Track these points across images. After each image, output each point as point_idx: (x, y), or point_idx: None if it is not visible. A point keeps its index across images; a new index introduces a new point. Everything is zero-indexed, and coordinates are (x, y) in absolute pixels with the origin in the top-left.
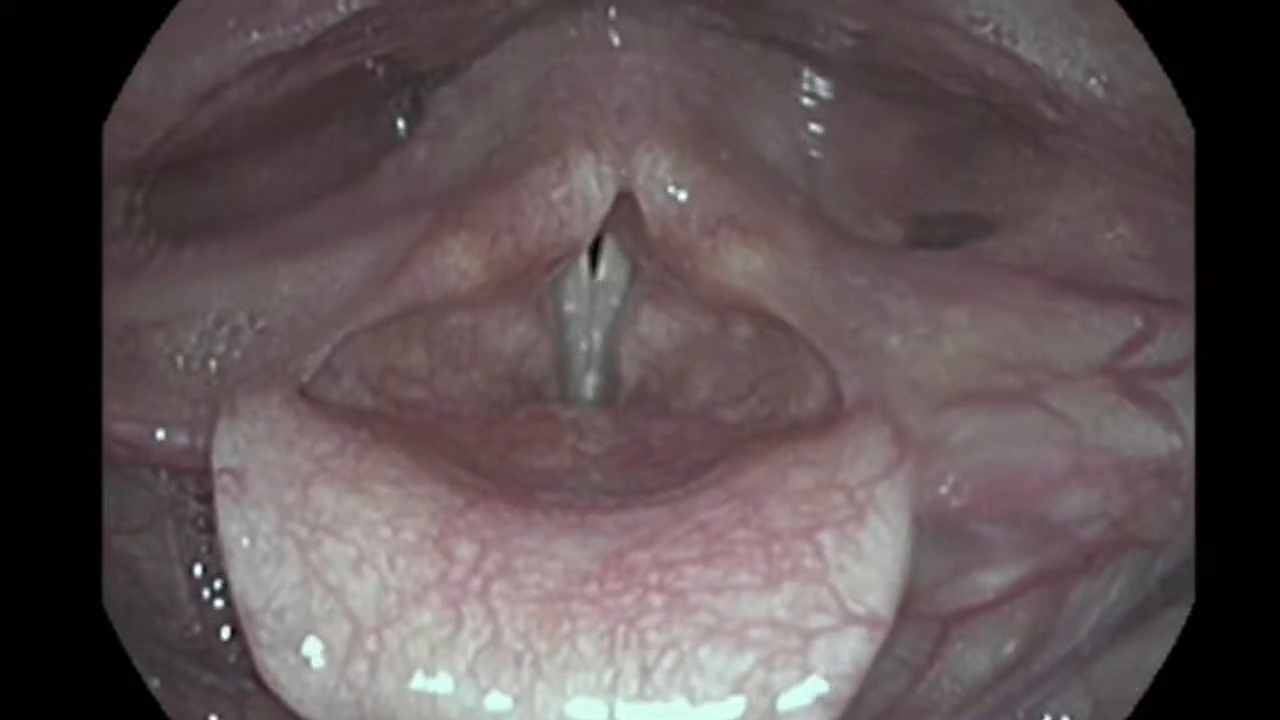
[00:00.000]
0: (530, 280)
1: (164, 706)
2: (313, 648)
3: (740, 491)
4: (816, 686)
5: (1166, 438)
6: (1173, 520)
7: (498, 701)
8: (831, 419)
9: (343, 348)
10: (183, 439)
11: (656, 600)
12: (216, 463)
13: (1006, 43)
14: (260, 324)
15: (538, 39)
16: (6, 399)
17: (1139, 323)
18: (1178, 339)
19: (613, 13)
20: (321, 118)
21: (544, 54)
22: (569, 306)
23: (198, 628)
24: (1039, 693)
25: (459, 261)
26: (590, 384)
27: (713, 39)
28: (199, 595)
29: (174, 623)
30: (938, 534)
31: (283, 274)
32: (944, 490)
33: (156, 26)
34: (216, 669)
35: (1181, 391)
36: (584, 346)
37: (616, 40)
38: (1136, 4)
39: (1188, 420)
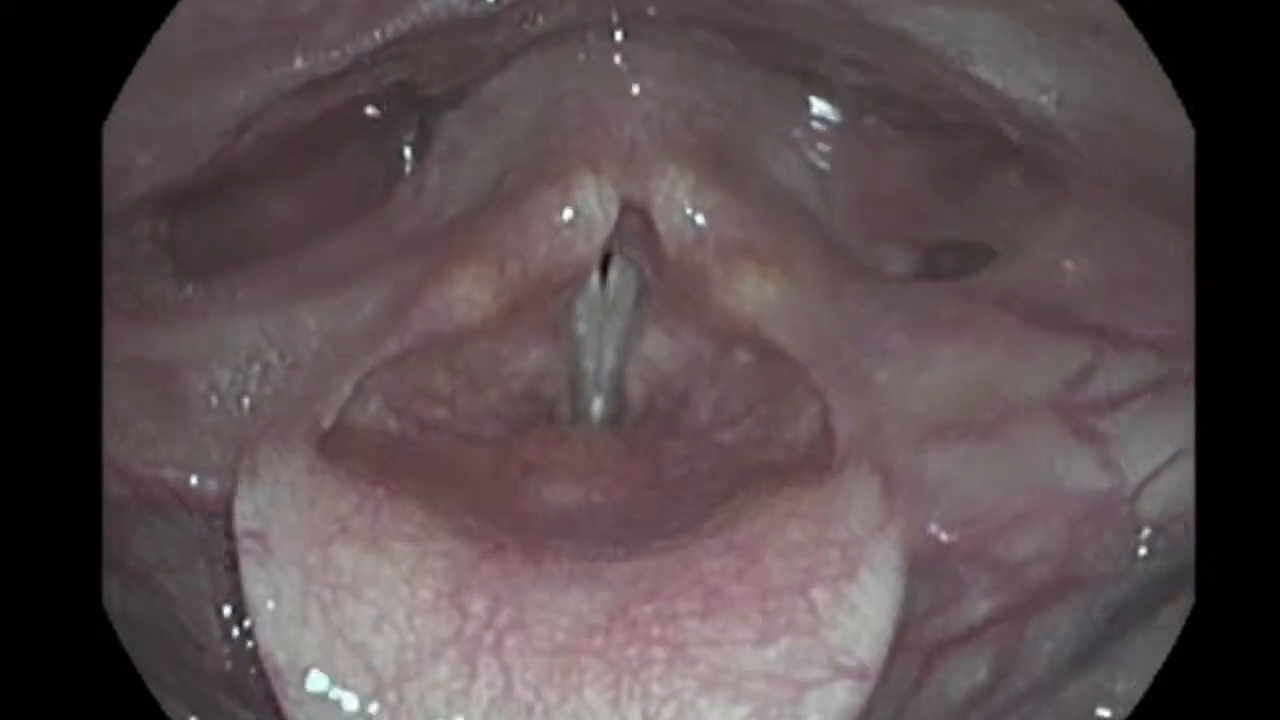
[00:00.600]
0: (541, 303)
1: None
2: (338, 702)
3: (738, 544)
4: None
5: (1103, 475)
6: (1110, 557)
7: None
8: (825, 465)
9: (372, 376)
10: (213, 485)
11: (659, 653)
12: (240, 525)
13: (966, 65)
14: (289, 360)
15: (546, 63)
16: (5, 402)
17: (1087, 355)
18: (1123, 372)
19: (619, 36)
20: (335, 145)
21: (553, 78)
22: (580, 328)
23: (229, 664)
24: (1014, 715)
25: (469, 293)
26: (600, 404)
27: (720, 65)
28: (230, 634)
29: (209, 659)
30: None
31: (307, 309)
32: (932, 529)
33: (156, 26)
34: (250, 704)
35: (1128, 425)
36: (594, 367)
37: (624, 65)
38: (1136, 4)
39: (1130, 455)
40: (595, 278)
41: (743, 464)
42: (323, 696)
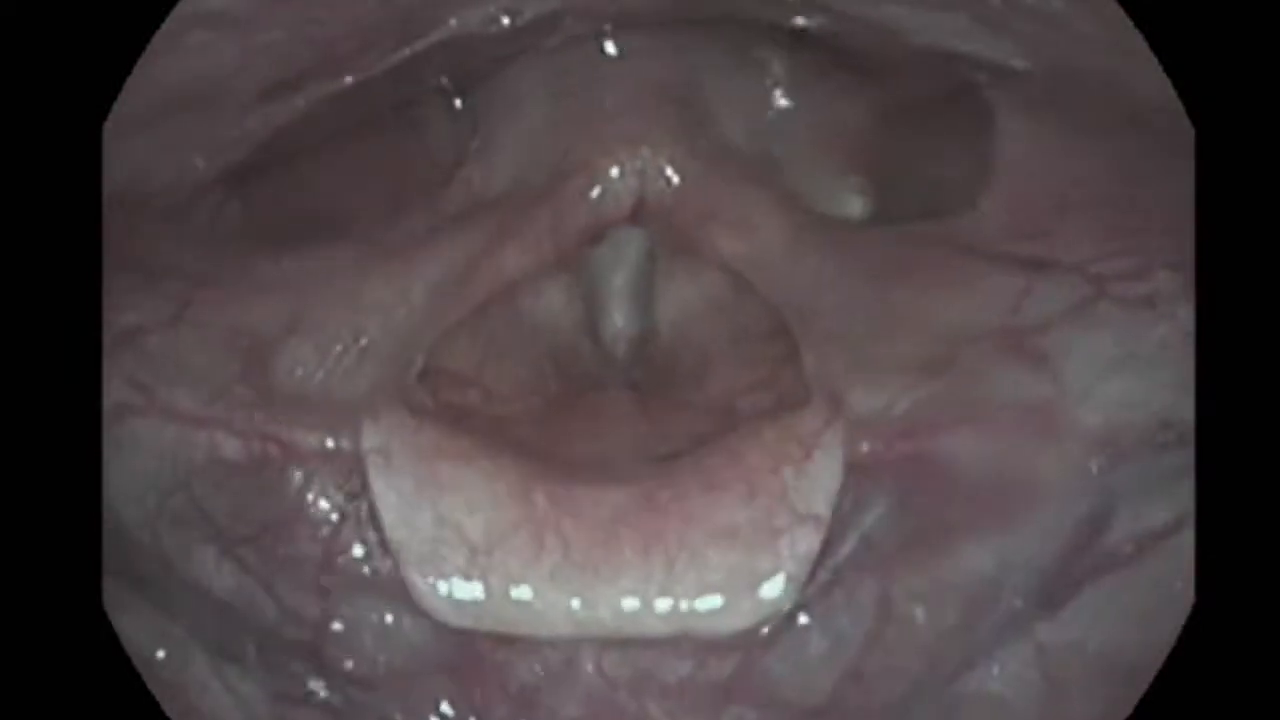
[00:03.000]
0: (565, 262)
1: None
2: (446, 564)
3: (731, 449)
4: (785, 566)
5: (1042, 386)
6: (1060, 466)
7: (571, 600)
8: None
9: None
10: (315, 440)
11: (674, 522)
12: (365, 444)
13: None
14: (363, 341)
15: (541, 57)
16: (7, 394)
17: (1022, 283)
18: (1054, 294)
19: (607, 25)
20: (378, 135)
21: (551, 71)
22: (599, 286)
23: (310, 633)
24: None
25: (518, 261)
26: (621, 358)
27: (688, 34)
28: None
29: (290, 628)
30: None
31: (376, 285)
32: (872, 443)
33: (157, 26)
34: (322, 672)
35: (1060, 341)
36: (616, 324)
37: (612, 50)
38: (1136, 4)
39: (1068, 368)
40: (605, 244)
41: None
42: (432, 561)
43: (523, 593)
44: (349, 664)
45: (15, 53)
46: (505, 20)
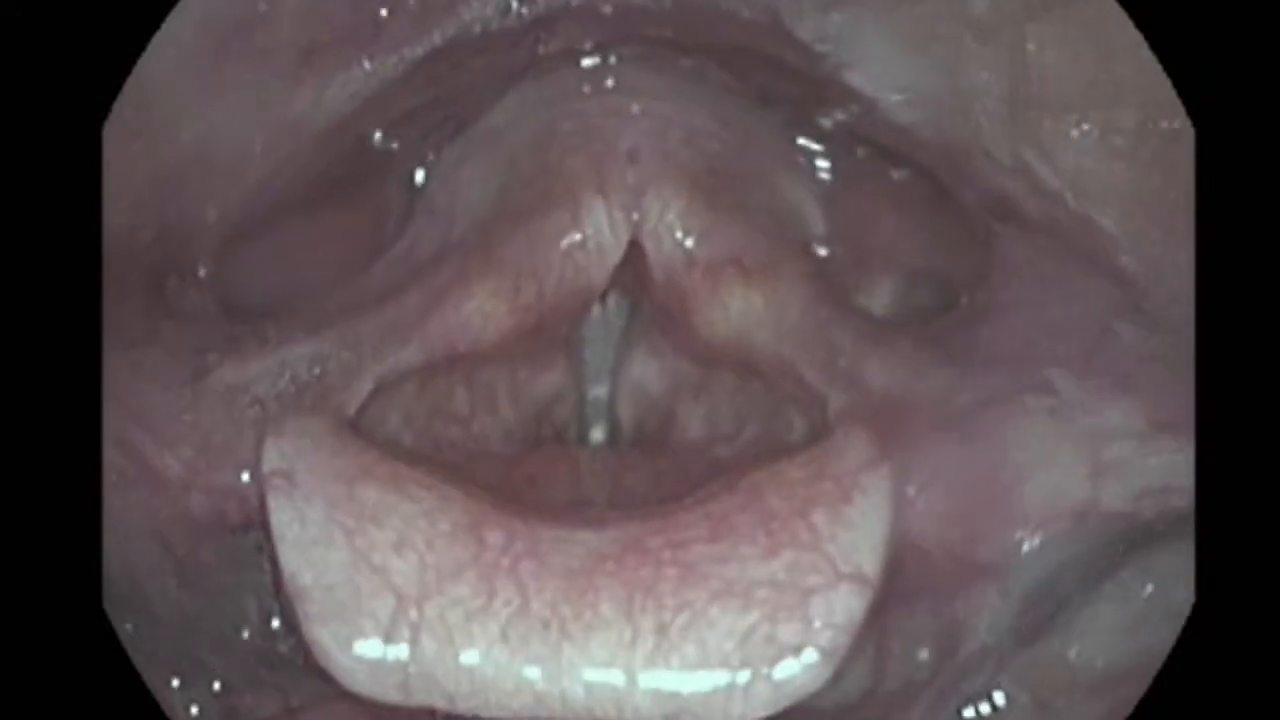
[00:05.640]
0: (555, 327)
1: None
2: (360, 619)
3: (742, 488)
4: (818, 638)
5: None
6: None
7: (529, 667)
8: (819, 433)
9: (393, 392)
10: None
11: (670, 572)
12: (266, 466)
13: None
14: (316, 370)
15: (543, 86)
16: (7, 400)
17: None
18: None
19: (614, 59)
20: (352, 181)
21: (549, 101)
22: (586, 353)
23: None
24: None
25: (484, 305)
26: (601, 426)
27: (710, 90)
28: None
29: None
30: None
31: (341, 331)
32: (910, 491)
33: (156, 26)
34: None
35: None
36: (597, 391)
37: (619, 86)
38: (1136, 4)
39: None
40: (597, 306)
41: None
42: (345, 614)
43: (467, 656)
44: None
45: (15, 53)
46: (516, 3)
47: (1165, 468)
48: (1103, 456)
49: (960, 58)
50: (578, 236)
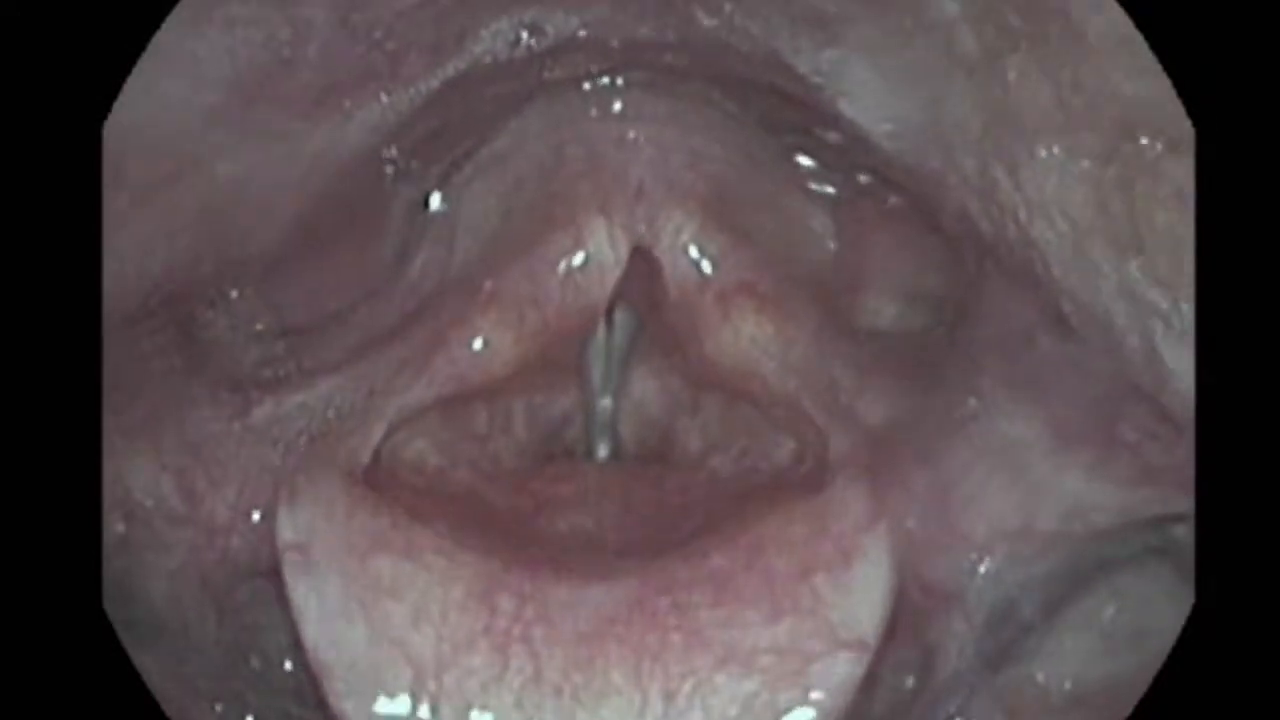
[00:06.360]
0: (564, 349)
1: None
2: (382, 692)
3: (744, 544)
4: (818, 701)
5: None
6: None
7: None
8: (818, 479)
9: (417, 420)
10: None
11: (676, 638)
12: (281, 539)
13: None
14: (330, 413)
15: (549, 110)
16: (6, 397)
17: None
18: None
19: (620, 82)
20: (366, 210)
21: (555, 125)
22: (592, 372)
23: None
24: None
25: (490, 337)
26: (606, 444)
27: (718, 113)
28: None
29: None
30: None
31: (354, 372)
32: (910, 525)
33: (156, 26)
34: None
35: None
36: (603, 408)
37: (626, 111)
38: (1136, 4)
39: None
40: (602, 324)
41: (737, 487)
42: (367, 687)
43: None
44: None
45: (15, 52)
46: (525, 35)
47: (1081, 489)
48: (1028, 477)
49: (946, 91)
50: (579, 257)
